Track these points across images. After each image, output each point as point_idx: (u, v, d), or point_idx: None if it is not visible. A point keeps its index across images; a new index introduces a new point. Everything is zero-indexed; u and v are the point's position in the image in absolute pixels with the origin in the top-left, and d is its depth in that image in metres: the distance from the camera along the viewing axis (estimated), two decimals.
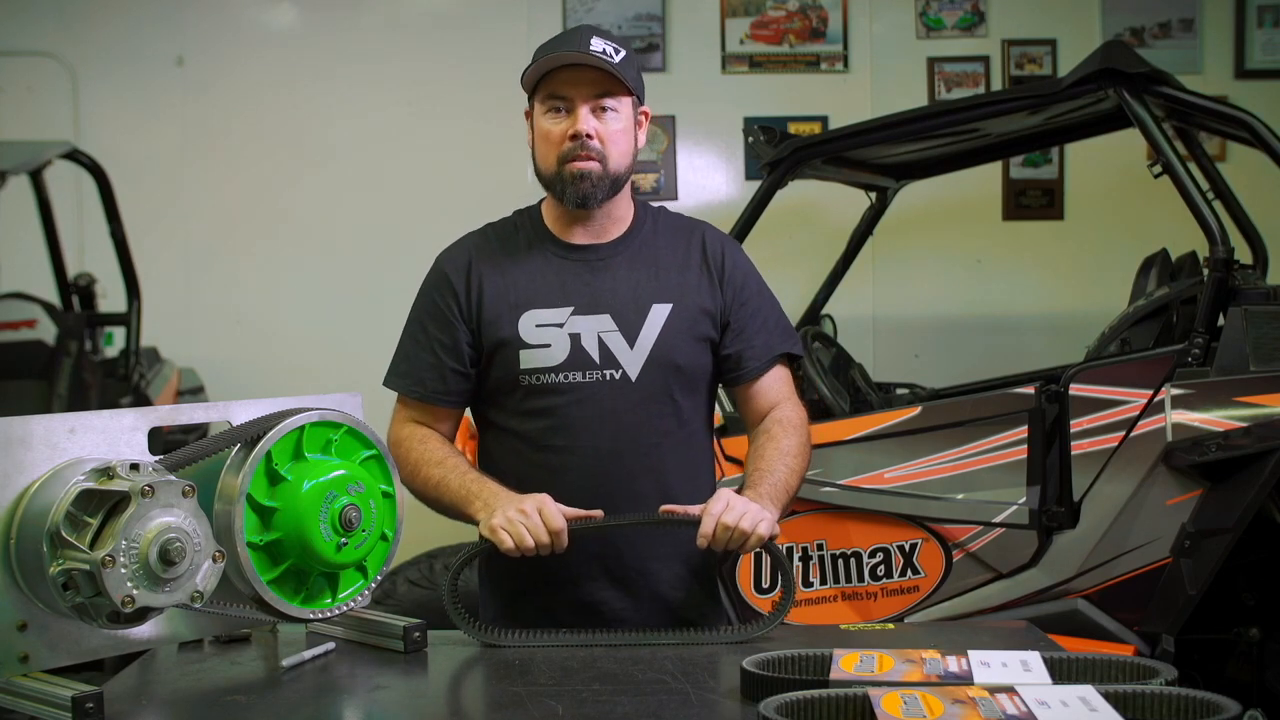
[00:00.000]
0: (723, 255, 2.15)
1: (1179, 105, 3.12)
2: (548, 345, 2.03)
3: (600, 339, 2.03)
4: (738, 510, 1.83)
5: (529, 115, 2.13)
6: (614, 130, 2.04)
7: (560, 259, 2.09)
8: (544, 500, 1.86)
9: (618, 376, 2.03)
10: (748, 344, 2.12)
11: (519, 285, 2.07)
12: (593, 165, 2.02)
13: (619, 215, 2.13)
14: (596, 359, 2.02)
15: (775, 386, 2.15)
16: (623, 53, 2.03)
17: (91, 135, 4.90)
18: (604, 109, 2.03)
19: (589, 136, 2.01)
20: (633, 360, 2.03)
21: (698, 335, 2.08)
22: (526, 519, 1.82)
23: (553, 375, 2.02)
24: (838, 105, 4.99)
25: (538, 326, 2.04)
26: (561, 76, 2.03)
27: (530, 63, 2.09)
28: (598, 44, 2.00)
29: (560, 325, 2.03)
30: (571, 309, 2.04)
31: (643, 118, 2.14)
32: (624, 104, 2.05)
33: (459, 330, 2.10)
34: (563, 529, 1.83)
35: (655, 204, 2.27)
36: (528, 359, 2.03)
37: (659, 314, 2.05)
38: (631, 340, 2.04)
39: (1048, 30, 5.12)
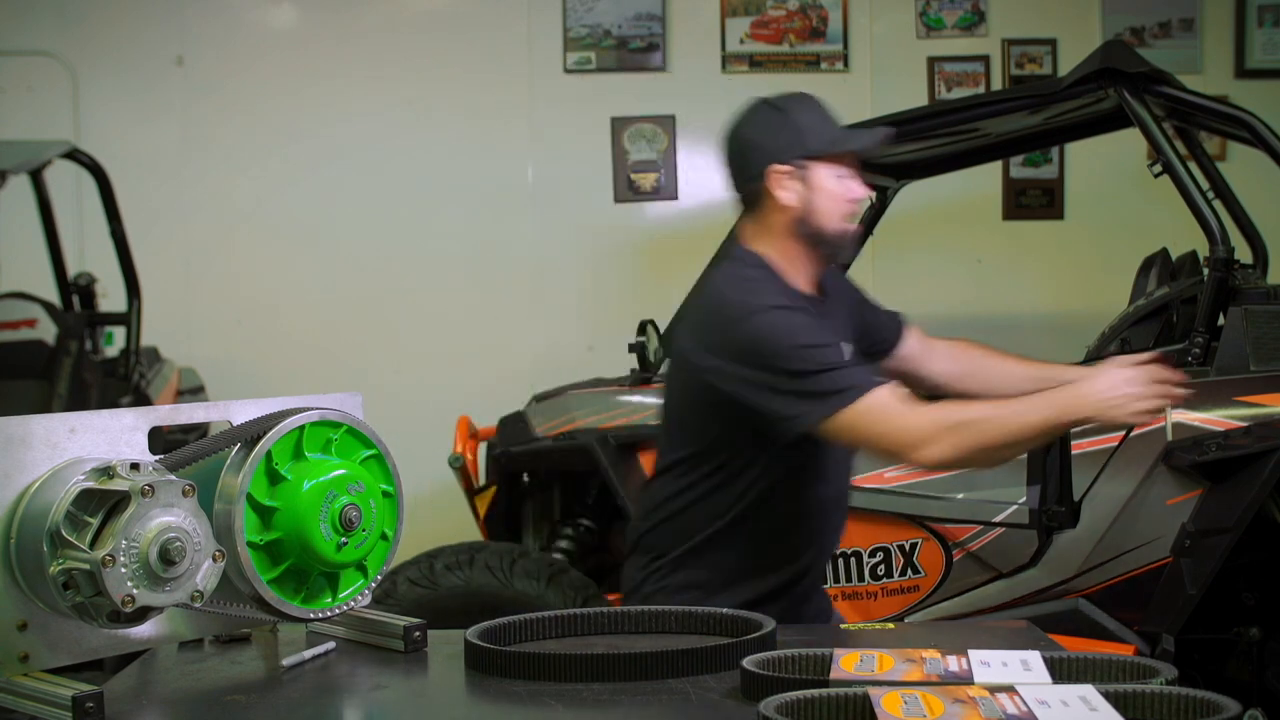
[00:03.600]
0: (851, 290, 2.42)
1: (1179, 105, 3.12)
2: None
3: None
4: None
5: (784, 175, 2.18)
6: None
7: (809, 309, 2.17)
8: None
9: None
10: (882, 319, 2.45)
11: (836, 329, 2.20)
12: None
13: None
14: None
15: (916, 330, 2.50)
16: None
17: (91, 135, 4.90)
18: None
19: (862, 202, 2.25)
20: None
21: (864, 344, 2.34)
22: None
23: None
24: (838, 105, 4.91)
25: None
26: (849, 152, 2.24)
27: (795, 125, 2.27)
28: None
29: None
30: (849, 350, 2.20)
31: None
32: None
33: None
34: None
35: (657, 206, 2.34)
36: None
37: (848, 352, 2.20)
38: None
39: (1048, 30, 5.13)
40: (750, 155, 2.22)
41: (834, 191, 2.17)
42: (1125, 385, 2.01)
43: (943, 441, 2.00)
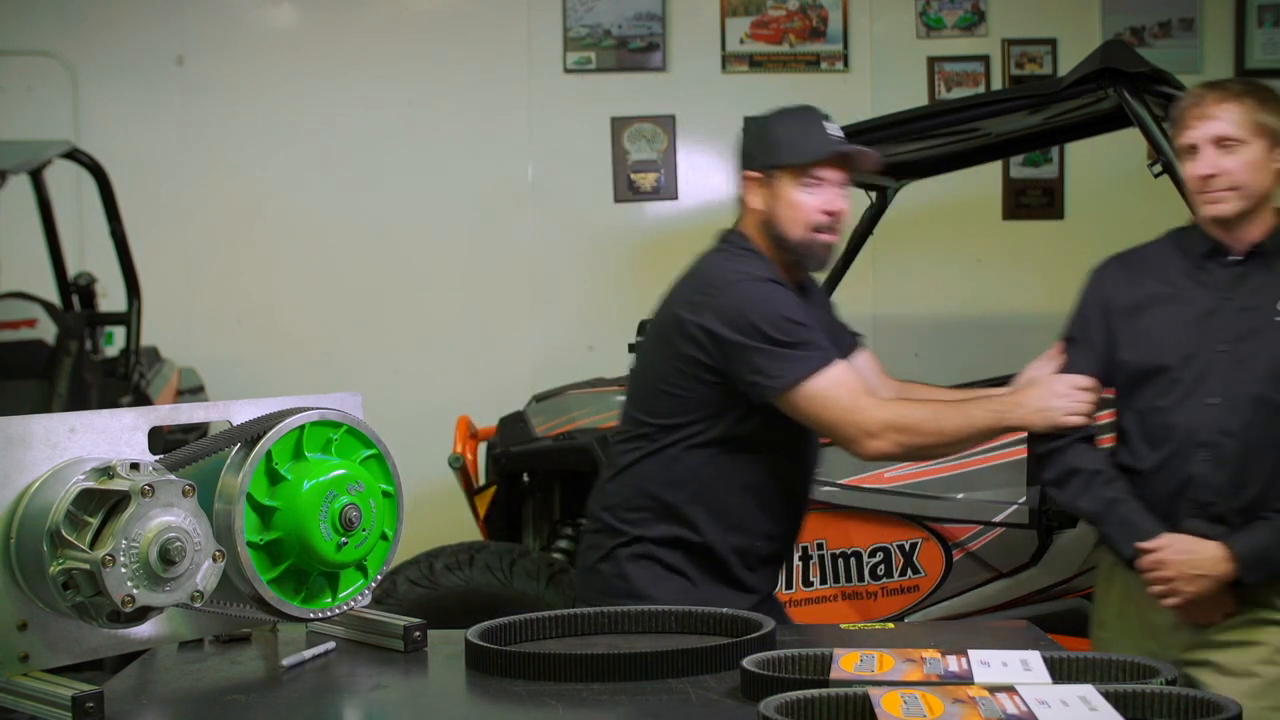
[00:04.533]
0: (821, 290, 2.56)
1: None
2: None
3: None
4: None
5: (756, 180, 2.33)
6: (848, 208, 2.35)
7: (799, 298, 2.32)
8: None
9: None
10: (842, 336, 2.54)
11: (813, 318, 2.31)
12: (836, 239, 2.34)
13: None
14: None
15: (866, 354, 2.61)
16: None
17: (91, 135, 4.89)
18: (844, 191, 2.33)
19: (840, 215, 2.32)
20: None
21: None
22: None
23: None
24: (838, 105, 4.94)
25: None
26: (827, 163, 2.29)
27: (771, 135, 2.34)
28: (834, 129, 2.33)
29: None
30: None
31: None
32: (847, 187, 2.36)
33: None
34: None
35: (654, 206, 2.43)
36: None
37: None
38: None
39: (1048, 30, 5.13)
40: (736, 160, 2.40)
41: (796, 201, 2.29)
42: (1053, 396, 2.23)
43: (887, 439, 2.19)
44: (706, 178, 5.13)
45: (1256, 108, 2.19)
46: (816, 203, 2.28)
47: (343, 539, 1.60)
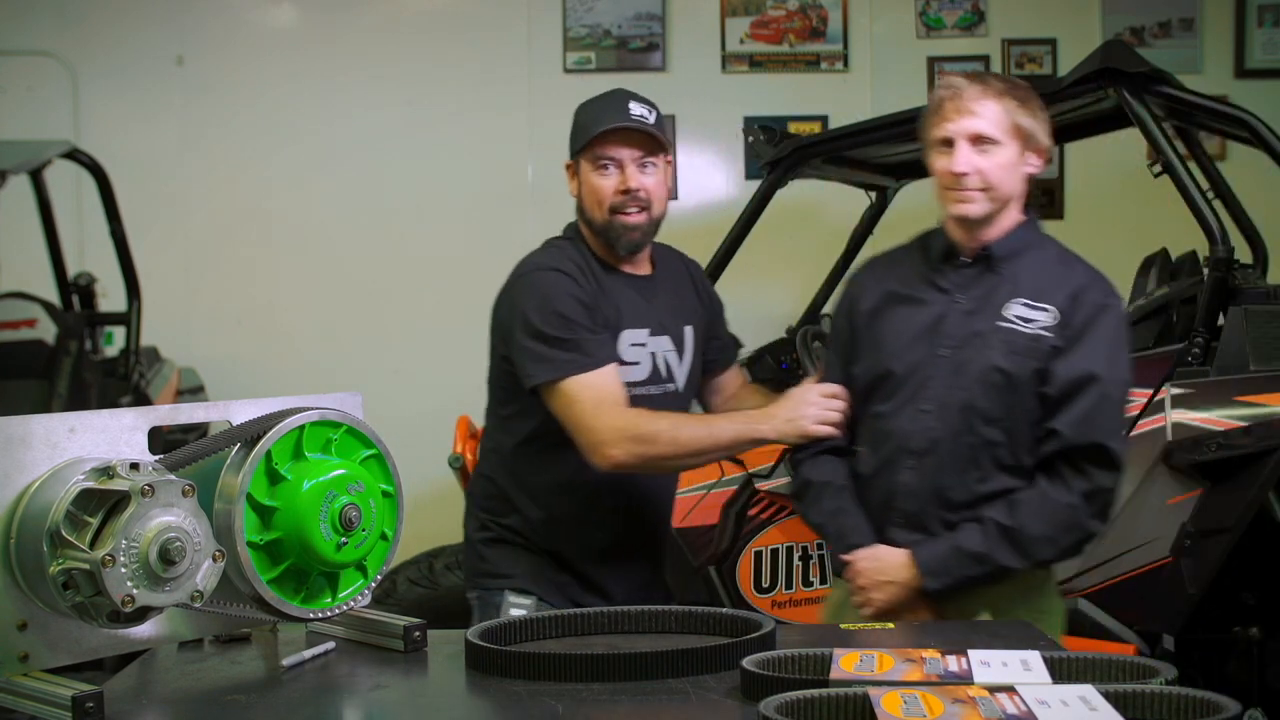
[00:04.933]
0: (697, 273, 2.60)
1: (1179, 105, 3.12)
2: (637, 362, 2.35)
3: (665, 357, 2.39)
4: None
5: (571, 169, 2.40)
6: (656, 184, 2.35)
7: (629, 287, 2.37)
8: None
9: (674, 389, 2.40)
10: (724, 341, 2.61)
11: (614, 307, 2.33)
12: (642, 217, 2.33)
13: (648, 251, 2.45)
14: (664, 374, 2.38)
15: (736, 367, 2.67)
16: (655, 112, 2.38)
17: (91, 135, 4.89)
18: (647, 165, 2.33)
19: (639, 191, 2.31)
20: (681, 374, 2.42)
21: (704, 347, 2.50)
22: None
23: (639, 388, 2.33)
24: (838, 105, 4.99)
25: (631, 345, 2.35)
26: (610, 139, 2.31)
27: (575, 123, 2.40)
28: (636, 108, 2.34)
29: (644, 345, 2.36)
30: (649, 330, 2.37)
31: (667, 165, 2.42)
32: (660, 160, 2.37)
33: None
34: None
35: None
36: (623, 374, 2.31)
37: (689, 334, 2.44)
38: (680, 357, 2.42)
39: (1048, 30, 5.13)
40: None
41: (593, 184, 2.33)
42: (804, 405, 2.23)
43: (622, 448, 2.19)
44: (706, 178, 5.13)
45: (1016, 108, 2.14)
46: (611, 183, 2.30)
47: (343, 539, 1.60)
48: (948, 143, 2.15)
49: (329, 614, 1.66)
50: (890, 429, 2.16)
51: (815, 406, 2.21)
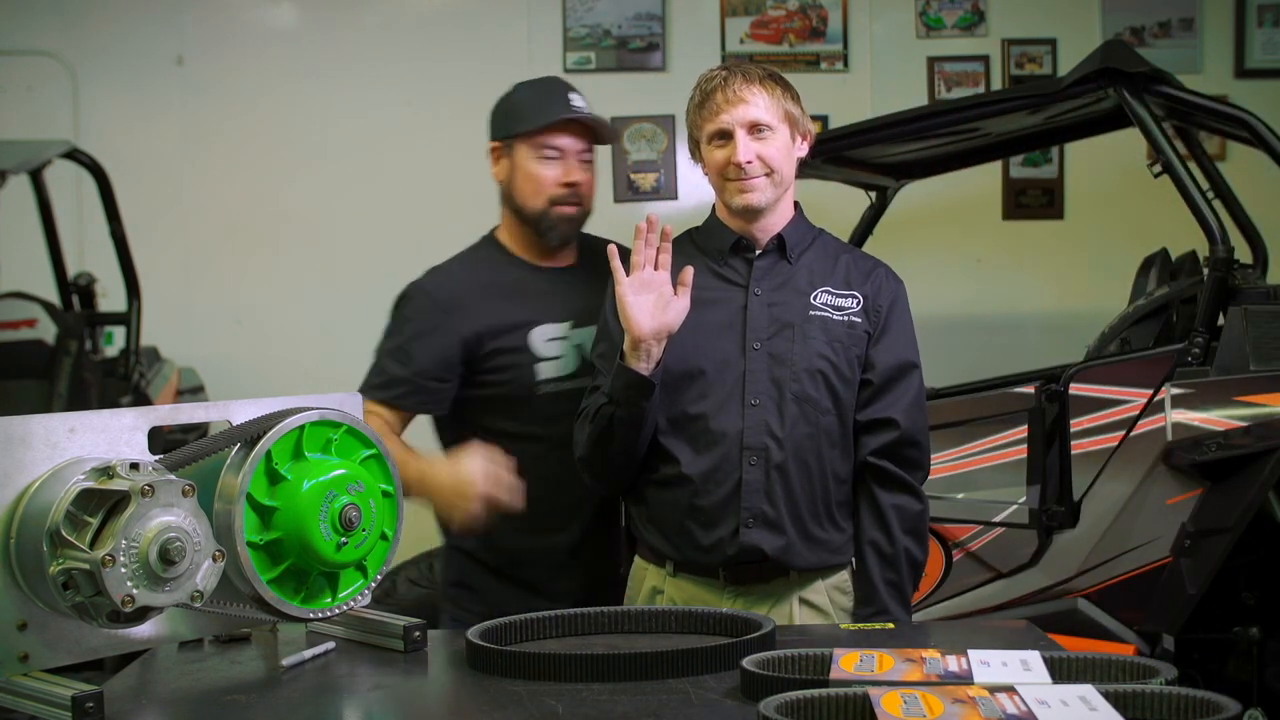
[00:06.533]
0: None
1: (1179, 105, 3.12)
2: (558, 356, 2.28)
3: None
4: None
5: (499, 151, 2.34)
6: (592, 178, 2.33)
7: (546, 280, 2.33)
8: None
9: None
10: None
11: (524, 306, 2.28)
12: (578, 211, 2.31)
13: (574, 243, 2.40)
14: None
15: None
16: (587, 104, 2.34)
17: (91, 135, 4.89)
18: (585, 160, 2.31)
19: (579, 185, 2.29)
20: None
21: None
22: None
23: (564, 384, 2.28)
24: (838, 105, 4.98)
25: (547, 341, 2.29)
26: (559, 129, 2.28)
27: (511, 105, 2.34)
28: (577, 100, 2.32)
29: (565, 338, 2.30)
30: (571, 322, 2.30)
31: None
32: (593, 154, 2.34)
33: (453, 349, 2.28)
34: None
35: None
36: (543, 370, 2.27)
37: (571, 333, 2.34)
38: None
39: (1048, 30, 5.12)
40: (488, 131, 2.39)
41: (532, 172, 2.28)
42: (457, 499, 2.10)
43: None
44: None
45: (783, 94, 2.15)
46: (554, 174, 2.27)
47: (342, 539, 1.60)
48: (724, 134, 2.14)
49: (329, 614, 1.66)
50: (721, 428, 2.09)
51: (471, 502, 2.08)
